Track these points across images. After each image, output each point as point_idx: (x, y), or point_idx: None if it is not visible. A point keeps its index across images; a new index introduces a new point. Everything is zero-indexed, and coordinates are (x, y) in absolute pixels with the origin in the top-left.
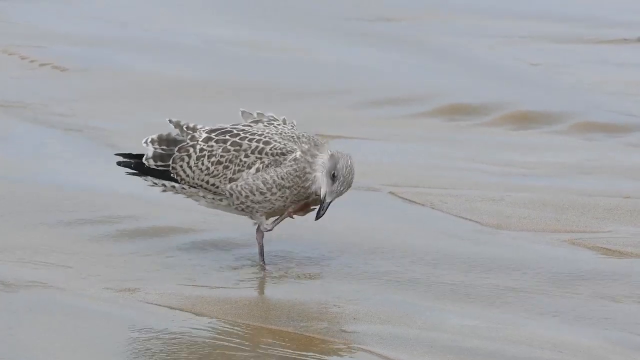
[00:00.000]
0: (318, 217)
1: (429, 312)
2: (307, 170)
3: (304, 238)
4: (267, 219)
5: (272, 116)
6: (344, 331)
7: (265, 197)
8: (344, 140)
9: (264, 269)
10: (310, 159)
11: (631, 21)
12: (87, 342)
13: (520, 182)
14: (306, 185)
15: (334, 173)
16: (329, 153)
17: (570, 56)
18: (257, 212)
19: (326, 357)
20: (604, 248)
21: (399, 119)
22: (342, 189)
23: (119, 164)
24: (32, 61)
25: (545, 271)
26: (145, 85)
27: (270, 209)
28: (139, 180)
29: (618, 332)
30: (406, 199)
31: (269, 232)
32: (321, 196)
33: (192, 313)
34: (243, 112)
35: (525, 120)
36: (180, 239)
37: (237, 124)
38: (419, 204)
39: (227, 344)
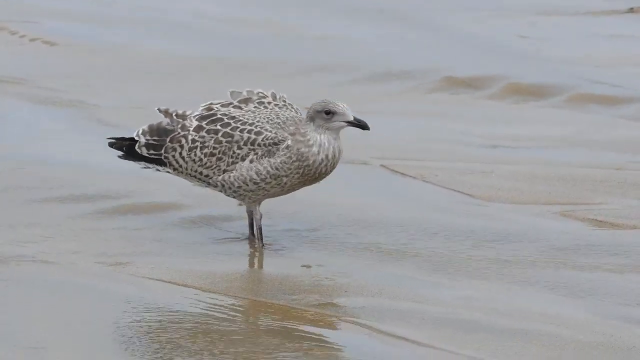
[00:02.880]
0: (366, 126)
1: (421, 284)
2: (303, 149)
3: (295, 212)
4: (260, 203)
5: (260, 92)
6: (336, 304)
7: (259, 187)
8: None
9: (263, 246)
10: (301, 138)
11: None
12: (78, 316)
13: (511, 154)
14: (310, 162)
15: (326, 111)
16: (307, 119)
17: (559, 28)
18: (249, 198)
19: (318, 330)
20: (595, 220)
21: (391, 94)
22: (339, 107)
23: (110, 145)
24: (21, 36)
25: (537, 243)
26: (136, 60)
27: (264, 195)
28: None
29: (609, 304)
30: (397, 172)
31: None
32: (351, 121)
33: (184, 286)
34: (232, 92)
35: (516, 93)
36: (171, 215)
37: (228, 105)
38: (410, 176)
39: (218, 316)
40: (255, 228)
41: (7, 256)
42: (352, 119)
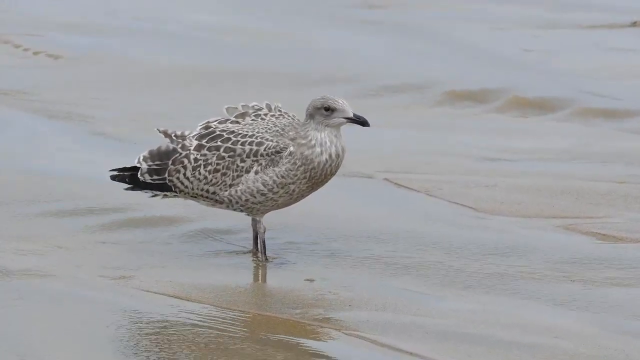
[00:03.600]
0: (365, 123)
1: (424, 298)
2: (306, 152)
3: (298, 225)
4: (263, 215)
5: (256, 105)
6: (339, 318)
7: (267, 197)
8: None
9: (266, 260)
10: (303, 141)
11: (622, 6)
12: (81, 329)
13: (515, 167)
14: (315, 164)
15: (325, 107)
16: (306, 117)
17: (562, 42)
18: (258, 210)
19: (322, 344)
20: (598, 233)
21: (394, 107)
22: (339, 103)
23: (113, 178)
24: (25, 49)
25: (540, 257)
26: (138, 72)
27: (272, 206)
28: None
29: (612, 317)
30: (401, 185)
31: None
32: (351, 117)
33: (187, 300)
34: (228, 108)
35: (519, 106)
36: (174, 228)
37: (226, 121)
38: (414, 190)
39: (222, 330)
40: (259, 241)
41: (10, 269)
42: (351, 115)
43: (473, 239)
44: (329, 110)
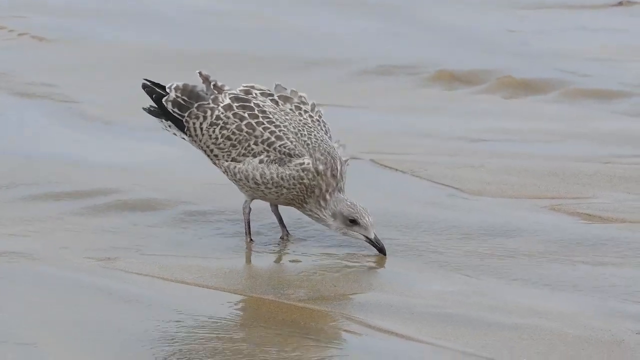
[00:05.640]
0: (383, 251)
1: (411, 279)
2: (322, 203)
3: (283, 207)
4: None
5: (303, 97)
6: (325, 298)
7: (259, 187)
8: (327, 108)
9: (250, 241)
10: (328, 197)
11: None
12: (67, 311)
13: (501, 148)
14: (306, 200)
15: (350, 220)
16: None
17: (549, 22)
18: (245, 192)
19: (308, 324)
20: (584, 214)
21: (381, 89)
22: (366, 218)
23: (143, 87)
24: (10, 31)
25: (526, 237)
26: (124, 55)
27: (260, 197)
28: (117, 152)
29: (599, 298)
30: (387, 166)
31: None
32: (371, 239)
33: (173, 281)
34: (277, 86)
35: (506, 88)
36: (160, 211)
37: (267, 96)
38: (400, 171)
39: (207, 311)
40: (244, 222)
41: None
42: (372, 237)
43: (459, 220)
44: (353, 222)
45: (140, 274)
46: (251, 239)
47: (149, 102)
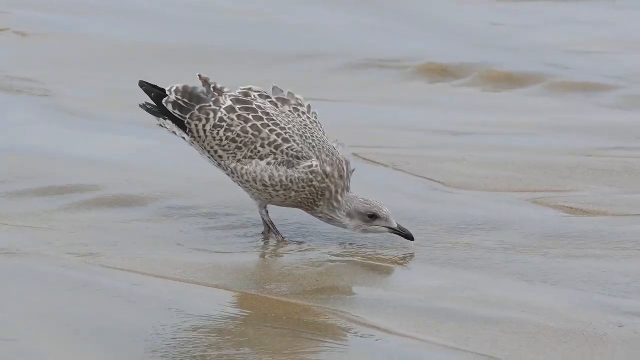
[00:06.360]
0: (410, 237)
1: (393, 273)
2: (334, 204)
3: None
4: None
5: (299, 99)
6: (308, 293)
7: (266, 190)
8: (311, 101)
9: (282, 240)
10: (340, 198)
11: None
12: (48, 306)
13: (483, 141)
14: (317, 203)
15: (369, 215)
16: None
17: (532, 15)
18: (252, 194)
19: (291, 318)
20: (566, 206)
21: (365, 82)
22: (384, 209)
23: (141, 85)
24: None
25: (508, 231)
26: (108, 50)
27: (266, 199)
28: (102, 147)
29: (582, 292)
30: (368, 160)
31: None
32: (394, 228)
33: (155, 276)
34: (274, 87)
35: (489, 81)
36: (143, 206)
37: (265, 98)
38: (382, 164)
39: (190, 305)
40: (264, 222)
41: None
42: (395, 226)
43: (441, 214)
44: (373, 217)
45: (122, 269)
46: (282, 238)
47: (145, 99)
